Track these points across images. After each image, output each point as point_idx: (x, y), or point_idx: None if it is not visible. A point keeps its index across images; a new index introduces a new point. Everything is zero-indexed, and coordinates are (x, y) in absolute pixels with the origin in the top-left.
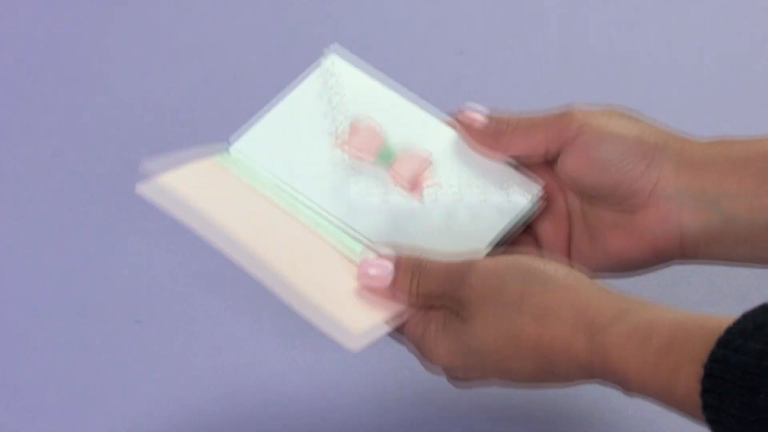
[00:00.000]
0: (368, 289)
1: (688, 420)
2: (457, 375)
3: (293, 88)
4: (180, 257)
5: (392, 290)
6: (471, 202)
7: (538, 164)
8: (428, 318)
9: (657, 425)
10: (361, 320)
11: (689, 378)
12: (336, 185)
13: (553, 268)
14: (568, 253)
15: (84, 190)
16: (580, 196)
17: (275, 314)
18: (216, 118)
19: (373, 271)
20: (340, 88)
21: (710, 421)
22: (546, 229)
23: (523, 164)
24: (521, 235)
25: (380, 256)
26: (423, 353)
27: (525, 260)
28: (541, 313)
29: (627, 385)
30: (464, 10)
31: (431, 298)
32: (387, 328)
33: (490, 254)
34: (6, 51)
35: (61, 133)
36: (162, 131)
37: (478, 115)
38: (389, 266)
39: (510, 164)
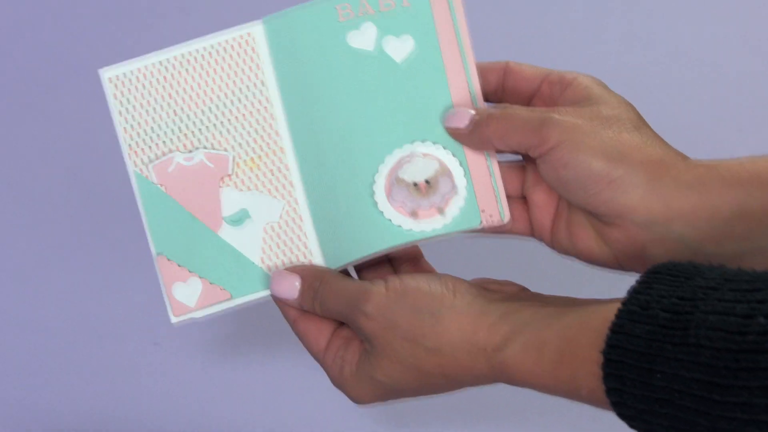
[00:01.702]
0: (280, 301)
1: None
2: (375, 403)
3: None
4: None
5: (299, 303)
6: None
7: None
8: (341, 360)
9: None
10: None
11: (588, 379)
12: None
13: (440, 290)
14: (552, 226)
15: (102, 211)
16: None
17: (293, 338)
18: None
19: (284, 283)
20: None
21: (614, 404)
22: (539, 196)
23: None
24: (511, 196)
25: (287, 269)
26: (343, 391)
27: (414, 287)
28: (435, 345)
29: (535, 390)
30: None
31: (334, 315)
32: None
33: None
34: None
35: (80, 155)
36: None
37: (458, 124)
38: (296, 278)
39: (489, 169)
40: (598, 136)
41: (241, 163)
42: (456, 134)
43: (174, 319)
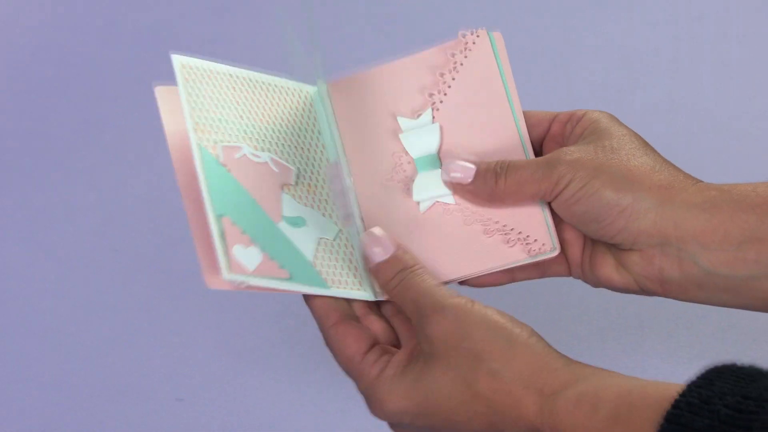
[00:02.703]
0: (365, 254)
1: None
2: (402, 424)
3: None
4: (220, 335)
5: (380, 269)
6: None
7: None
8: (384, 362)
9: None
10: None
11: None
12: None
13: (519, 328)
14: (581, 261)
15: (124, 267)
16: None
17: (318, 392)
18: None
19: (378, 245)
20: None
21: None
22: (569, 232)
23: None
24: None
25: (386, 237)
26: (372, 396)
27: (496, 315)
28: (498, 367)
29: None
30: None
31: (407, 300)
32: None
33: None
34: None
35: (104, 210)
36: None
37: (460, 175)
38: (390, 248)
39: (540, 202)
40: (606, 167)
41: (302, 182)
42: (459, 190)
43: (227, 275)
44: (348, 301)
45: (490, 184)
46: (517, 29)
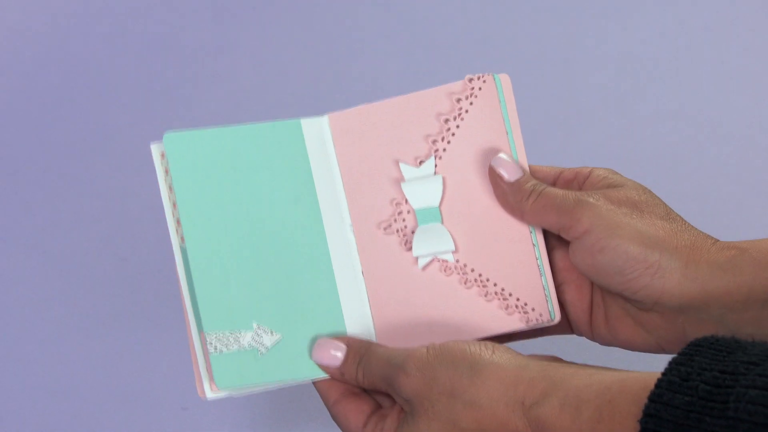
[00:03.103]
0: (321, 366)
1: None
2: None
3: None
4: None
5: (341, 370)
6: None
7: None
8: (381, 430)
9: None
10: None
11: None
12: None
13: (478, 348)
14: (590, 321)
15: (131, 276)
16: None
17: (319, 406)
18: None
19: (328, 351)
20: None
21: None
22: (572, 294)
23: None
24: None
25: (335, 339)
26: None
27: (453, 346)
28: (472, 398)
29: None
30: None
31: (377, 380)
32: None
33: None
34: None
35: (111, 218)
36: None
37: (504, 173)
38: (342, 346)
39: (540, 268)
40: (632, 221)
41: None
42: (494, 182)
43: (209, 393)
44: None
45: (521, 197)
46: (521, 37)
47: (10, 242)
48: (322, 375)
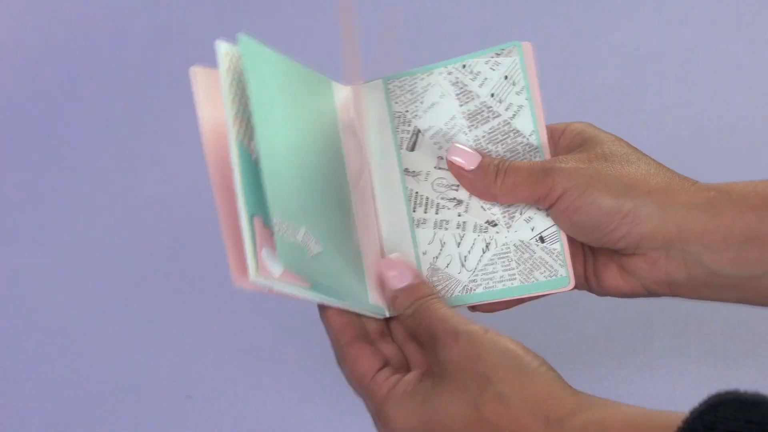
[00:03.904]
0: (381, 279)
1: None
2: None
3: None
4: (230, 333)
5: (396, 296)
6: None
7: None
8: (395, 381)
9: None
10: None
11: None
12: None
13: (530, 356)
14: (584, 273)
15: (136, 266)
16: None
17: (327, 390)
18: None
19: (400, 269)
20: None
21: None
22: (570, 247)
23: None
24: None
25: (403, 264)
26: (381, 413)
27: (507, 342)
28: (506, 392)
29: None
30: None
31: (422, 327)
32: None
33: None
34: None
35: (115, 209)
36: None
37: (462, 160)
38: (408, 276)
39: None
40: (602, 175)
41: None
42: (457, 173)
43: (254, 278)
44: (362, 320)
45: (489, 179)
46: (527, 33)
47: (14, 233)
48: (351, 303)
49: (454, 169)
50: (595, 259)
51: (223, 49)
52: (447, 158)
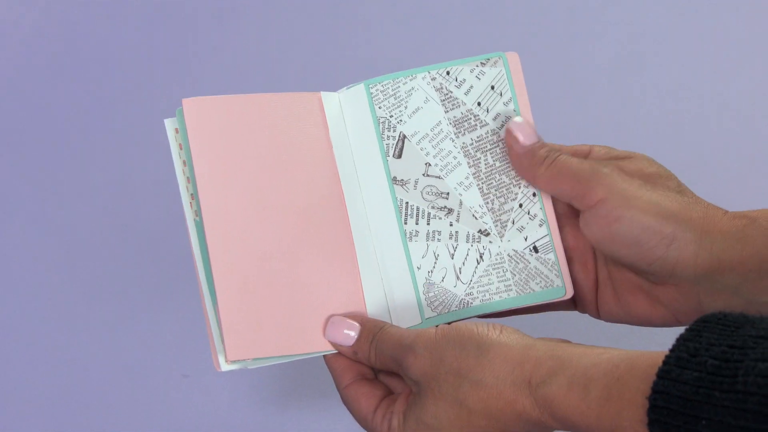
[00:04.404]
0: (334, 345)
1: None
2: None
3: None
4: None
5: (354, 349)
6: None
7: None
8: (391, 414)
9: None
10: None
11: (632, 421)
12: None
13: (486, 329)
14: (596, 297)
15: (131, 247)
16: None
17: (322, 369)
18: None
19: (342, 330)
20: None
21: None
22: (576, 270)
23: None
24: None
25: (349, 317)
26: None
27: (461, 326)
28: (479, 377)
29: (579, 428)
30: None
31: (387, 360)
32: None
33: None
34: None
35: (110, 191)
36: None
37: (520, 136)
38: (356, 325)
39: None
40: (646, 193)
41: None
42: (510, 145)
43: (224, 367)
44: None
45: (536, 162)
46: (521, 10)
47: (9, 215)
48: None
49: (509, 138)
50: (615, 284)
51: (171, 126)
52: (506, 127)
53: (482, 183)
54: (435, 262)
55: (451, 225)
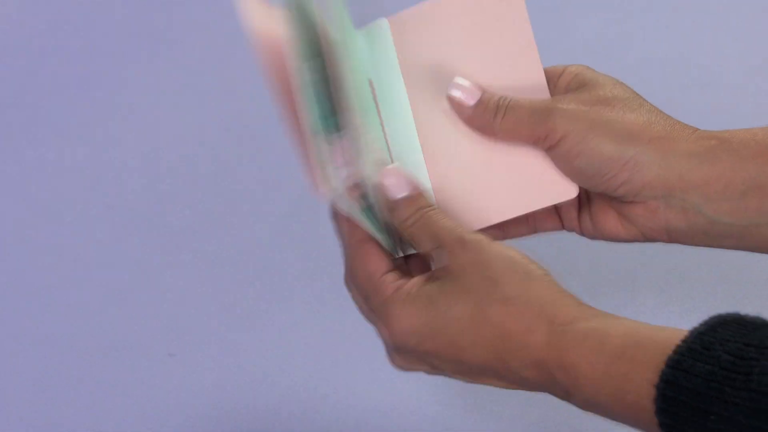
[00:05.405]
0: (384, 188)
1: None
2: (407, 347)
3: None
4: (213, 291)
5: (398, 205)
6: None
7: None
8: (402, 282)
9: None
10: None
11: (639, 386)
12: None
13: (536, 265)
14: (578, 217)
15: (118, 225)
16: None
17: (308, 347)
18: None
19: (399, 179)
20: None
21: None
22: None
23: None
24: None
25: (405, 174)
26: (385, 313)
27: (514, 252)
28: (512, 295)
29: (577, 389)
30: None
31: (425, 235)
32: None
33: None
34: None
35: (97, 166)
36: (202, 168)
37: (462, 96)
38: (410, 184)
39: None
40: (604, 120)
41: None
42: (458, 109)
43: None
44: None
45: (488, 117)
46: None
47: None
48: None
49: (454, 104)
50: (591, 203)
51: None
52: (447, 94)
53: None
54: None
55: None
